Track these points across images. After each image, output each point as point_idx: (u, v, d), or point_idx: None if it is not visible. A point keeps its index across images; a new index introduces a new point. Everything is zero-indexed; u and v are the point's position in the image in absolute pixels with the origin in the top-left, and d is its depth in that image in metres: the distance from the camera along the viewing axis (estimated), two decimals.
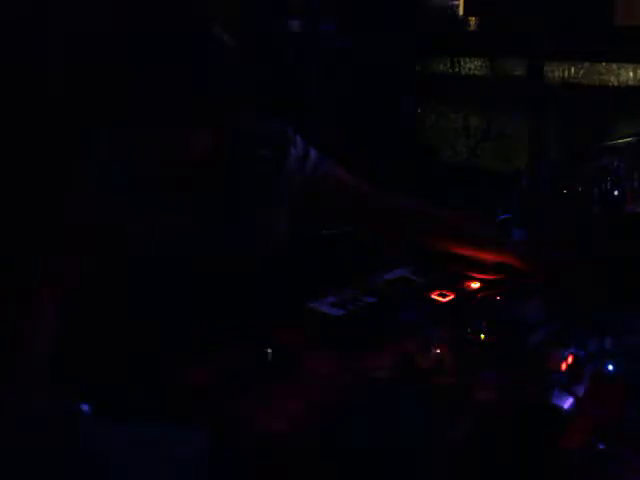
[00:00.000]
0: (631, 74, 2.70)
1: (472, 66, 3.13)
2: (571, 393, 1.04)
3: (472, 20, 2.99)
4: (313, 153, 1.48)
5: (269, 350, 1.21)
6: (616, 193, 1.65)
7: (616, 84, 2.73)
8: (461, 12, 3.04)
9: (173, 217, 1.39)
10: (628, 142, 1.89)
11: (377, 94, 3.12)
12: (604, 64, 2.73)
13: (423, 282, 1.51)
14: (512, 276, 1.46)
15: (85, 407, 0.72)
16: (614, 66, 2.72)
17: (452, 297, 1.43)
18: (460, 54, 3.10)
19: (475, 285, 1.48)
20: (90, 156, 1.42)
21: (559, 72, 2.85)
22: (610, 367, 1.17)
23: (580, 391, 1.05)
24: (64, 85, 2.30)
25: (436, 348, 1.22)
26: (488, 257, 1.50)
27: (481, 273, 1.50)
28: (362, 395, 1.09)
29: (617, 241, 1.53)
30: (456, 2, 3.04)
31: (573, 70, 2.83)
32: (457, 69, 3.11)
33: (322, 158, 1.49)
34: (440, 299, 1.43)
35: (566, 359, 1.07)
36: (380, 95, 3.12)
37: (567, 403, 1.02)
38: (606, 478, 0.95)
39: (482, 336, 1.25)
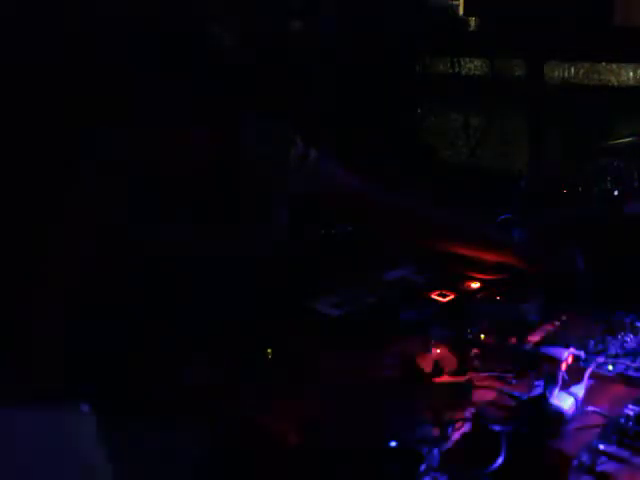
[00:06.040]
0: (631, 74, 2.69)
1: (472, 66, 3.13)
2: (571, 393, 1.04)
3: (472, 20, 2.98)
4: (313, 153, 1.48)
5: (269, 350, 1.21)
6: (616, 193, 1.65)
7: (616, 84, 2.73)
8: (461, 12, 3.04)
9: (173, 217, 1.39)
10: (628, 142, 1.89)
11: (377, 94, 3.11)
12: (604, 64, 2.73)
13: (423, 282, 1.51)
14: (512, 276, 1.46)
15: (85, 407, 0.72)
16: (614, 66, 2.72)
17: (452, 297, 1.43)
18: (460, 54, 3.09)
19: (475, 285, 1.48)
20: (90, 156, 1.42)
21: (559, 72, 2.85)
22: (610, 367, 1.17)
23: (580, 391, 1.05)
24: (64, 85, 2.29)
25: (436, 348, 1.22)
26: (488, 257, 1.50)
27: (481, 273, 1.50)
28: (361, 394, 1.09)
29: (617, 241, 1.53)
30: (456, 2, 3.03)
31: (573, 70, 2.83)
32: (457, 69, 3.11)
33: (322, 158, 1.49)
34: (440, 299, 1.43)
35: (566, 359, 1.07)
36: (380, 95, 3.12)
37: (567, 403, 1.02)
38: (606, 478, 0.95)
39: (482, 336, 1.25)
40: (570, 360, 1.08)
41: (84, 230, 1.41)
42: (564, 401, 1.02)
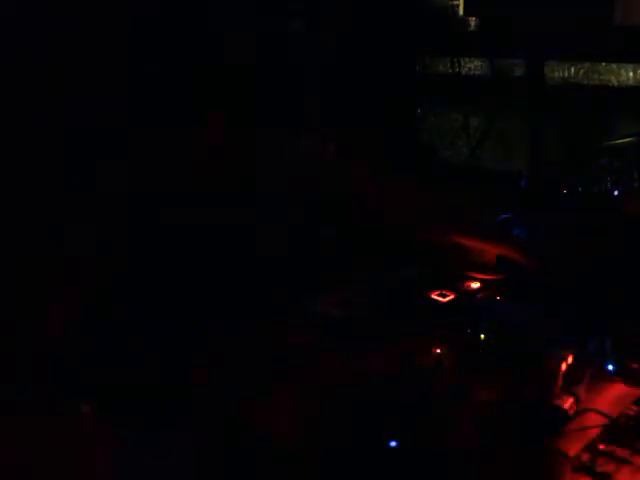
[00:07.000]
0: (631, 74, 2.70)
1: (472, 66, 3.13)
2: (571, 393, 1.04)
3: (472, 20, 2.98)
4: (314, 153, 1.48)
5: (270, 348, 1.21)
6: (616, 193, 1.65)
7: (616, 84, 2.73)
8: (461, 12, 3.04)
9: (173, 217, 1.39)
10: (628, 142, 1.89)
11: (377, 94, 3.11)
12: (604, 64, 2.73)
13: (423, 282, 1.51)
14: (512, 276, 1.46)
15: (86, 407, 0.72)
16: (614, 66, 2.72)
17: (452, 297, 1.43)
18: (460, 54, 3.10)
19: (475, 285, 1.48)
20: (91, 156, 1.42)
21: (559, 72, 2.85)
22: (610, 367, 1.17)
23: (580, 391, 1.05)
24: (65, 86, 2.29)
25: (436, 348, 1.22)
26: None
27: (481, 273, 1.50)
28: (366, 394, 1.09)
29: (617, 241, 1.53)
30: (456, 2, 3.03)
31: (573, 70, 2.83)
32: (457, 69, 3.11)
33: (322, 158, 1.49)
34: (440, 299, 1.43)
35: (566, 359, 1.07)
36: (380, 95, 3.12)
37: (567, 403, 1.02)
38: (606, 478, 0.95)
39: (482, 336, 1.25)
40: (570, 360, 1.08)
41: (84, 230, 1.41)
42: (564, 401, 1.02)
